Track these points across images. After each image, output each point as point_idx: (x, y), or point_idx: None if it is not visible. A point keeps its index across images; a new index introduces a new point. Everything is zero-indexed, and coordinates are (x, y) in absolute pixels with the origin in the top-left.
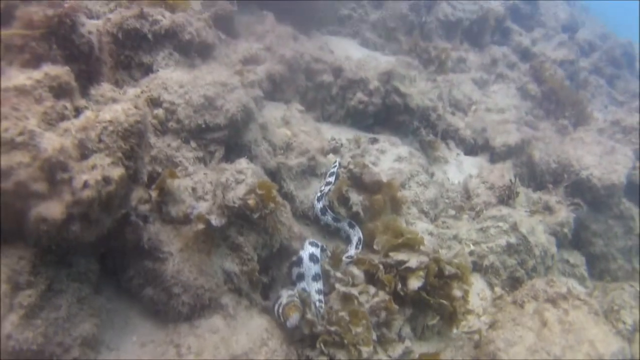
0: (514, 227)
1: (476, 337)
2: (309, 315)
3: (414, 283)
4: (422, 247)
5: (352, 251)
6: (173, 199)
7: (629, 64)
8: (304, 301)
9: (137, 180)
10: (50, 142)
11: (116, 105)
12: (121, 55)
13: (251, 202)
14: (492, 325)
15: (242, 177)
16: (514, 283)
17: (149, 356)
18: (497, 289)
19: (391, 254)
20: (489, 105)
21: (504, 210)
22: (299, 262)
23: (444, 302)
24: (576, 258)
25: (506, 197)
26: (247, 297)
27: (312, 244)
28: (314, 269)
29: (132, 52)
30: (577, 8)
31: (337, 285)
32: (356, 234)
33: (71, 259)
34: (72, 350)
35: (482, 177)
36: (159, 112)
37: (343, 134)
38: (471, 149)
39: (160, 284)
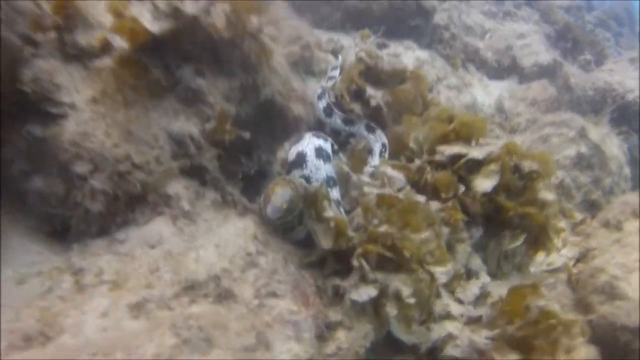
0: (582, 134)
1: (562, 275)
2: (324, 205)
3: (484, 183)
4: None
5: (375, 160)
6: (84, 22)
7: (631, 24)
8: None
9: None
10: None
11: None
12: None
13: (218, 20)
14: (584, 257)
15: None
16: (589, 209)
17: (27, 296)
18: (575, 213)
19: (440, 148)
20: (505, 32)
21: (565, 115)
22: (301, 160)
23: (531, 210)
24: None
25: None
26: (216, 186)
27: (317, 136)
28: (324, 169)
29: None
30: None
31: (368, 189)
32: (378, 139)
33: None
34: None
35: (518, 96)
36: None
37: (342, 40)
38: (495, 73)
39: (53, 165)
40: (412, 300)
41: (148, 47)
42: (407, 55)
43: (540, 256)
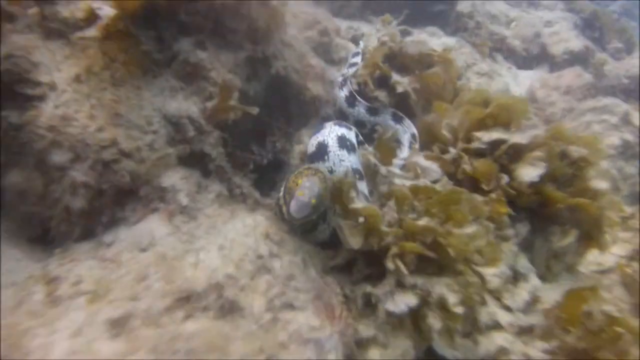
0: (626, 120)
1: (614, 277)
2: (352, 196)
3: (530, 172)
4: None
5: (405, 152)
6: None
7: None
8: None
9: None
10: None
11: None
12: None
13: None
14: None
15: None
16: (635, 202)
17: None
18: (624, 207)
19: (477, 134)
20: (532, 19)
21: (606, 100)
22: (322, 151)
23: (584, 201)
24: None
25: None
26: (221, 177)
27: (339, 124)
28: (348, 160)
29: None
30: None
31: (399, 182)
32: (407, 130)
33: None
34: None
35: (551, 84)
36: None
37: (362, 28)
38: (523, 63)
39: (30, 155)
40: (459, 310)
41: (139, 16)
42: (433, 41)
43: (589, 256)
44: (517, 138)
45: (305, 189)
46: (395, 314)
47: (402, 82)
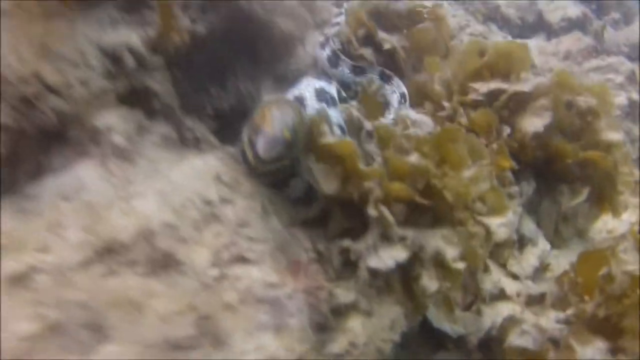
0: (633, 79)
1: (627, 244)
2: (324, 130)
3: (535, 122)
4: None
5: (392, 114)
6: None
7: None
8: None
9: None
10: None
11: None
12: None
13: None
14: None
15: None
16: None
17: None
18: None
19: (474, 85)
20: None
21: (611, 59)
22: (299, 105)
23: (596, 154)
24: None
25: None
26: (168, 117)
27: (317, 77)
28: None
29: None
30: None
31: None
32: (396, 89)
33: None
34: None
35: (549, 51)
36: None
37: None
38: (519, 32)
39: None
40: (460, 265)
41: None
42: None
43: (598, 222)
44: (519, 86)
45: (275, 119)
46: (380, 272)
47: (390, 40)
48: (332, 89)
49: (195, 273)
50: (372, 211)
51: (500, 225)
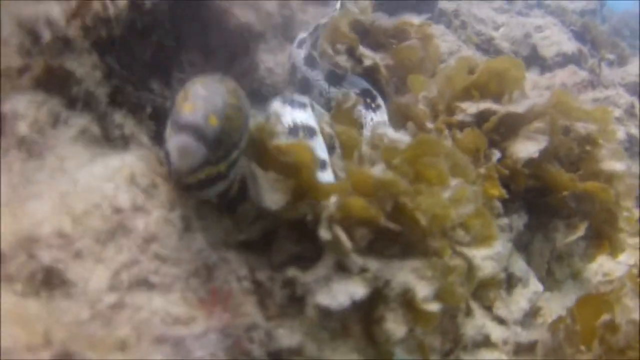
0: (632, 112)
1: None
2: (275, 130)
3: (527, 147)
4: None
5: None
6: None
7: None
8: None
9: None
10: None
11: None
12: None
13: None
14: None
15: None
16: None
17: None
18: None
19: (462, 105)
20: (522, 21)
21: (609, 91)
22: None
23: (595, 186)
24: None
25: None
26: (91, 108)
27: (288, 102)
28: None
29: None
30: None
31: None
32: (353, 87)
33: None
34: None
35: (542, 84)
36: None
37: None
38: None
39: None
40: (433, 307)
41: None
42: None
43: (593, 264)
44: (512, 107)
45: (197, 99)
46: (333, 311)
47: (372, 56)
48: (309, 117)
49: (87, 298)
50: (324, 233)
51: (485, 257)
